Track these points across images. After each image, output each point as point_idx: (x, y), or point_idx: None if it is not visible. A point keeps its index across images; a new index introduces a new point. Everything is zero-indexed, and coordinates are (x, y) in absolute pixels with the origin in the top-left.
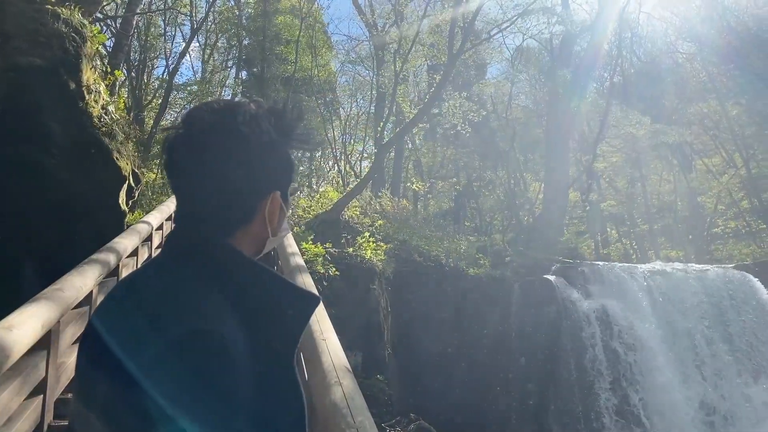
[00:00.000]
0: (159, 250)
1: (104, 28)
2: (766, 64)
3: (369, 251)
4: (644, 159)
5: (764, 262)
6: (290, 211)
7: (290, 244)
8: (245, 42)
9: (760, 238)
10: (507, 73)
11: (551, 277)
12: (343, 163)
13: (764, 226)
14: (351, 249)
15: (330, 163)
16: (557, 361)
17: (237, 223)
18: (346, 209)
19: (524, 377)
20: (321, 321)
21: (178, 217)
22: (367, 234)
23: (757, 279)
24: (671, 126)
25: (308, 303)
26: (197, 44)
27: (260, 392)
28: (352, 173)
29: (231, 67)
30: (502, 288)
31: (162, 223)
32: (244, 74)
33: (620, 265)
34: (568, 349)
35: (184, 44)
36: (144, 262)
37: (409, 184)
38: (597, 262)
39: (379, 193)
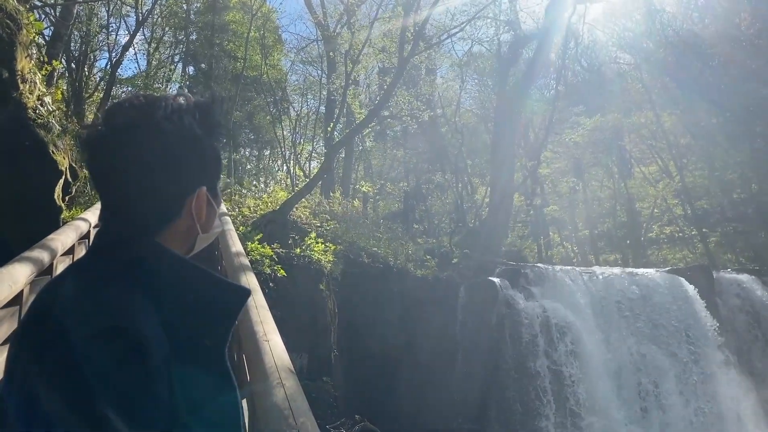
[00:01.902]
0: None
1: (42, 16)
2: (698, 78)
3: (317, 252)
4: (586, 165)
5: (695, 266)
6: (223, 207)
7: (234, 243)
8: (192, 37)
9: (692, 243)
10: (456, 78)
11: (495, 279)
12: (292, 163)
13: (696, 232)
14: (299, 250)
15: (279, 162)
16: (500, 361)
17: (162, 221)
18: (294, 209)
19: (468, 378)
20: (264, 322)
21: (102, 216)
22: (313, 235)
23: (688, 282)
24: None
25: (238, 296)
26: (142, 37)
27: (188, 389)
28: (302, 173)
29: (177, 62)
30: (448, 289)
31: None
32: (191, 70)
33: (561, 267)
34: (510, 349)
35: (128, 36)
36: None
37: (359, 185)
38: (539, 265)
39: (331, 194)
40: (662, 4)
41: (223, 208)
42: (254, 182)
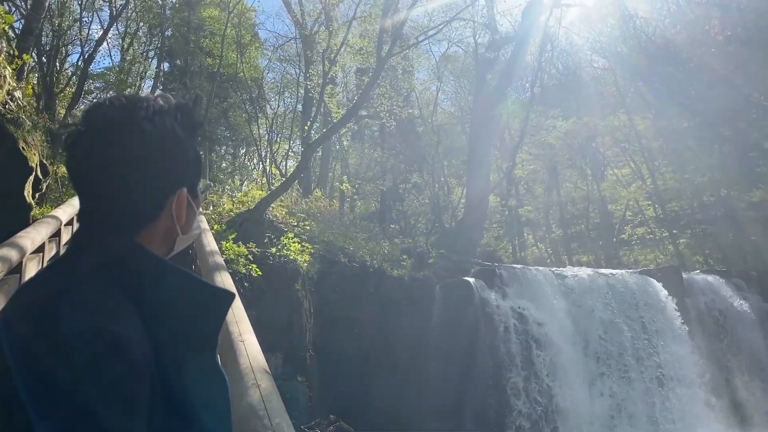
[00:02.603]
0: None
1: (12, 8)
2: (670, 83)
3: (293, 252)
4: (560, 167)
5: (666, 267)
6: (201, 208)
7: (209, 242)
8: (168, 33)
9: (663, 245)
10: (433, 79)
11: (470, 279)
12: (268, 162)
13: (667, 234)
14: (274, 249)
15: (255, 160)
16: (475, 360)
17: (141, 221)
18: (270, 208)
19: (443, 377)
20: (240, 322)
21: (81, 216)
22: (291, 235)
23: (659, 283)
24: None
25: (222, 300)
26: (116, 32)
27: (173, 390)
28: (278, 172)
29: (152, 58)
30: (424, 289)
31: (72, 219)
32: (166, 66)
33: (535, 268)
34: (485, 349)
35: (101, 31)
36: (51, 259)
37: (336, 183)
38: (514, 265)
39: (311, 194)
40: (636, 9)
41: (200, 205)
42: (229, 180)
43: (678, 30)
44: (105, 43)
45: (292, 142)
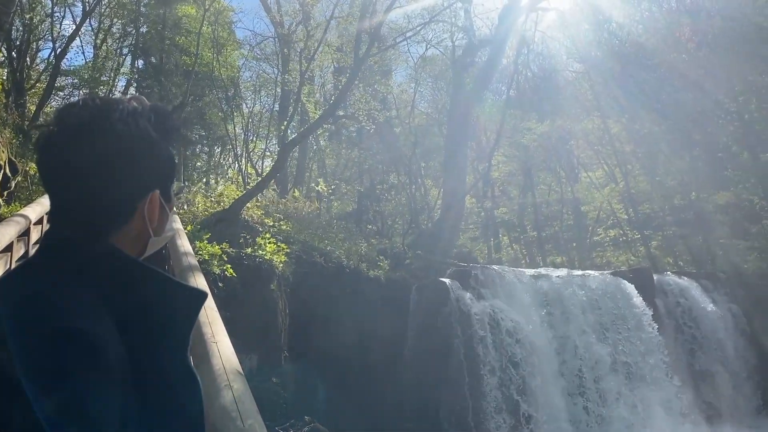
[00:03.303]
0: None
1: None
2: (643, 87)
3: (269, 252)
4: (535, 170)
5: (637, 269)
6: (174, 210)
7: (183, 243)
8: (143, 30)
9: (635, 247)
10: (411, 80)
11: (446, 280)
12: (244, 161)
13: (639, 236)
14: (249, 249)
15: (230, 160)
16: (450, 360)
17: (113, 223)
18: (246, 208)
19: (419, 378)
20: (213, 323)
21: (51, 216)
22: (267, 235)
23: (631, 284)
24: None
25: (195, 299)
26: (89, 27)
27: (146, 391)
28: (254, 172)
29: (126, 55)
30: (400, 290)
31: (42, 217)
32: (140, 63)
33: (510, 269)
34: (460, 349)
35: (74, 26)
36: (19, 258)
37: (313, 184)
38: (489, 266)
39: (291, 194)
40: (610, 15)
41: (174, 207)
42: (204, 179)
43: (650, 35)
44: (77, 39)
45: (268, 141)
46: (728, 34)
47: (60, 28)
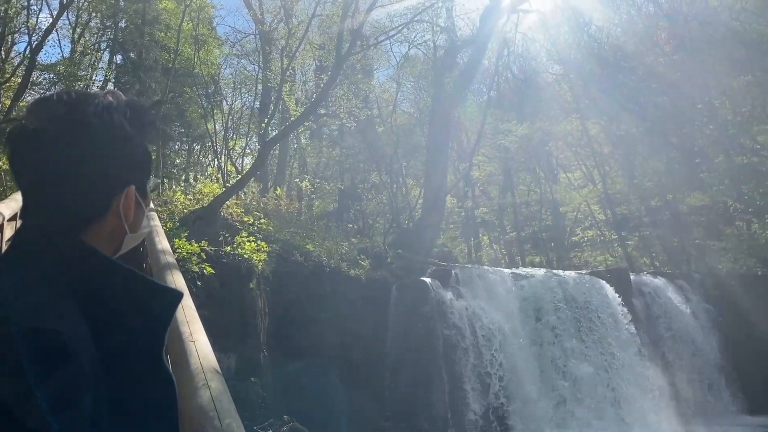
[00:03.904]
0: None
1: None
2: (621, 90)
3: (248, 250)
4: (515, 170)
5: (614, 269)
6: (153, 205)
7: (160, 241)
8: (122, 24)
9: (612, 247)
10: (393, 79)
11: (427, 279)
12: (223, 159)
13: (616, 236)
14: (228, 248)
15: (210, 157)
16: (430, 359)
17: (87, 219)
18: (225, 206)
19: (398, 377)
20: (190, 322)
21: (24, 213)
22: (245, 234)
23: (607, 283)
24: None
25: (170, 299)
26: (66, 21)
27: (120, 392)
28: (234, 169)
29: (104, 50)
30: (380, 289)
31: (16, 213)
32: (119, 58)
33: (490, 268)
34: (440, 348)
35: (50, 20)
36: None
37: (297, 180)
38: (469, 266)
39: (268, 192)
40: (590, 18)
41: (150, 203)
42: (183, 177)
43: (629, 38)
44: (54, 33)
45: (248, 139)
46: (704, 39)
47: (36, 21)
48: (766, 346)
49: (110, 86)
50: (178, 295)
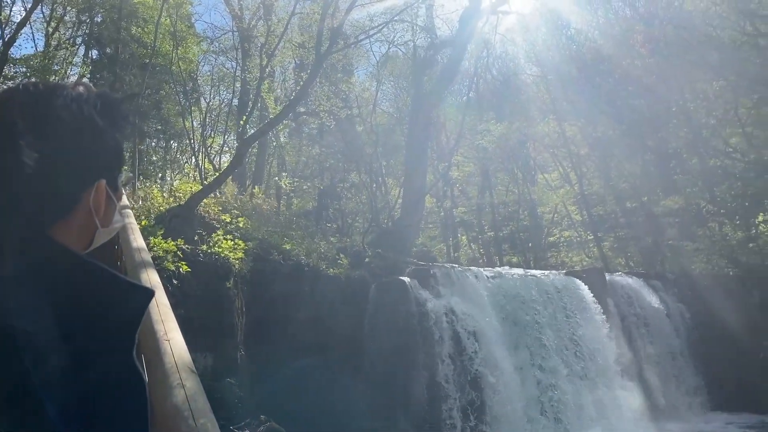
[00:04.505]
0: None
1: None
2: (598, 92)
3: (225, 249)
4: (493, 171)
5: (590, 269)
6: (131, 201)
7: (136, 239)
8: (98, 19)
9: (588, 248)
10: (373, 78)
11: (406, 279)
12: (201, 156)
13: (592, 237)
14: (205, 246)
15: (187, 155)
16: (408, 358)
17: (55, 215)
18: (202, 204)
19: (377, 377)
20: (165, 320)
21: None
22: (221, 232)
23: (584, 283)
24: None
25: (141, 297)
26: (40, 15)
27: (90, 392)
28: (211, 167)
29: (80, 45)
30: (359, 288)
31: None
32: (94, 53)
33: (468, 268)
34: (419, 348)
35: (24, 13)
36: None
37: (276, 178)
38: (448, 265)
39: (246, 190)
40: (568, 20)
41: (125, 200)
42: (160, 174)
43: (606, 41)
44: (28, 26)
45: (227, 136)
46: (679, 43)
47: (9, 13)
48: (737, 345)
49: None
50: (149, 294)
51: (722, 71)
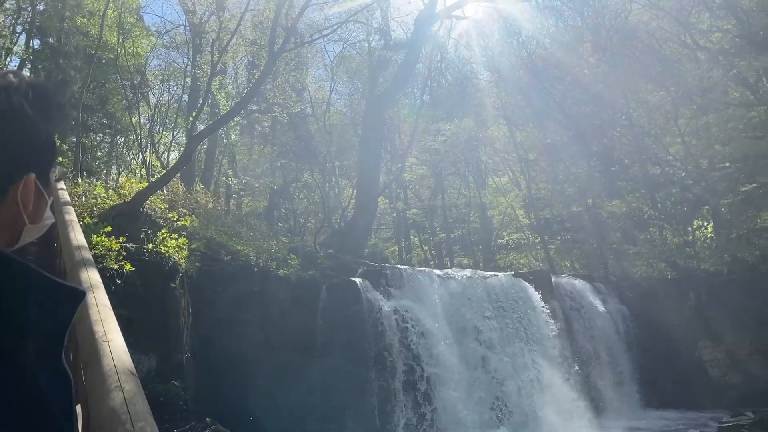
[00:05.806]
0: None
1: None
2: (547, 99)
3: (171, 248)
4: (445, 174)
5: (537, 271)
6: (51, 198)
7: (76, 236)
8: (40, 7)
9: (535, 250)
10: (327, 78)
11: (357, 280)
12: (148, 153)
13: (539, 239)
14: (150, 245)
15: (134, 151)
16: (359, 360)
17: None
18: (148, 202)
19: (327, 378)
20: (105, 321)
21: None
22: (166, 231)
23: (530, 285)
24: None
25: (71, 298)
26: None
27: (13, 394)
28: (159, 164)
29: (20, 33)
30: (310, 289)
31: None
32: (36, 43)
33: (419, 269)
34: (369, 350)
35: None
36: None
37: (223, 178)
38: (399, 266)
39: (193, 188)
40: (520, 27)
41: (66, 197)
42: (104, 170)
43: (556, 48)
44: None
45: (175, 133)
46: (624, 53)
47: None
48: (674, 345)
49: (26, 72)
50: (79, 294)
51: (663, 82)
